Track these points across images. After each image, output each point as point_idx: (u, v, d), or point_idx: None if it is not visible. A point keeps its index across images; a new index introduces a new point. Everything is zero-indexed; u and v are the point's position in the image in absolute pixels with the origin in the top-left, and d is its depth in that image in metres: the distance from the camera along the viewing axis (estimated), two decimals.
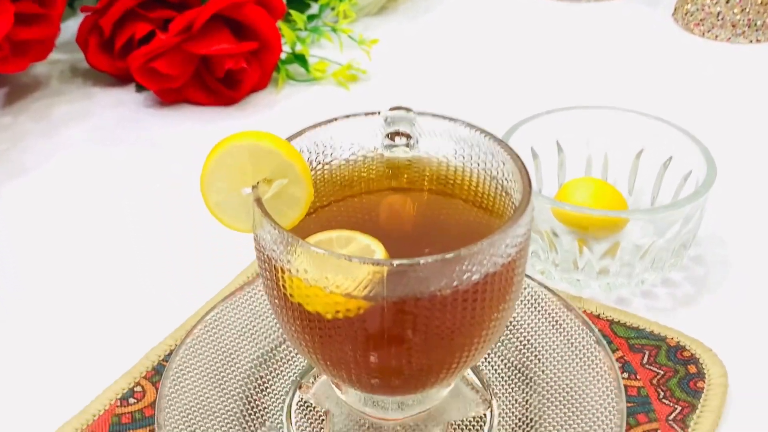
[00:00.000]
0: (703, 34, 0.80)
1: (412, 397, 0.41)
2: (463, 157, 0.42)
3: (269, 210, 0.36)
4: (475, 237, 0.35)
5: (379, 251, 0.37)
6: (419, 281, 0.34)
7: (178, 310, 0.50)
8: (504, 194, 0.40)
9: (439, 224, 0.42)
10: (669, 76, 0.75)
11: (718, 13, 0.78)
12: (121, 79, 0.73)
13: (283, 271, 0.36)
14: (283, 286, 0.36)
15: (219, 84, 0.70)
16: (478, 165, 0.41)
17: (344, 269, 0.34)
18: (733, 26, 0.78)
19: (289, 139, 0.39)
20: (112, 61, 0.71)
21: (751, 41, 0.79)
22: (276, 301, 0.37)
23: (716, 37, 0.79)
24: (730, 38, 0.79)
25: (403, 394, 0.40)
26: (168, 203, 0.60)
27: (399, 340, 0.36)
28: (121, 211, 0.60)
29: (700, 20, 0.80)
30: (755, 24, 0.78)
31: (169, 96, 0.70)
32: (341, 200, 0.43)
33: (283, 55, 0.74)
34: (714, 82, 0.74)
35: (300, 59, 0.74)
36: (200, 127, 0.69)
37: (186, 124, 0.69)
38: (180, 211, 0.59)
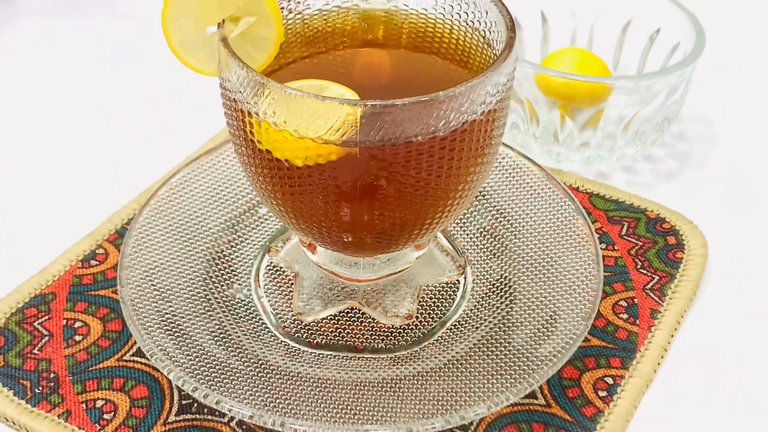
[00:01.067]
0: None
1: (384, 256, 0.40)
2: (444, 9, 0.40)
3: (236, 51, 0.34)
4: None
5: (350, 100, 0.35)
6: (395, 125, 0.32)
7: (143, 175, 0.48)
8: (486, 47, 0.38)
9: (416, 80, 0.40)
10: None
11: None
12: None
13: (250, 116, 0.34)
14: (251, 132, 0.34)
15: None
16: (460, 17, 0.39)
17: (316, 111, 0.32)
18: None
19: None
20: None
21: None
22: (243, 149, 0.36)
23: None
24: None
25: (375, 252, 0.38)
26: (135, 62, 0.57)
27: (372, 190, 0.34)
28: (86, 70, 0.57)
29: None
30: None
31: None
32: (313, 55, 0.40)
33: None
34: None
35: None
36: None
37: None
38: (148, 71, 0.57)
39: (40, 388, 0.38)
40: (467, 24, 0.39)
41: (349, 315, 0.40)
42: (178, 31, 0.34)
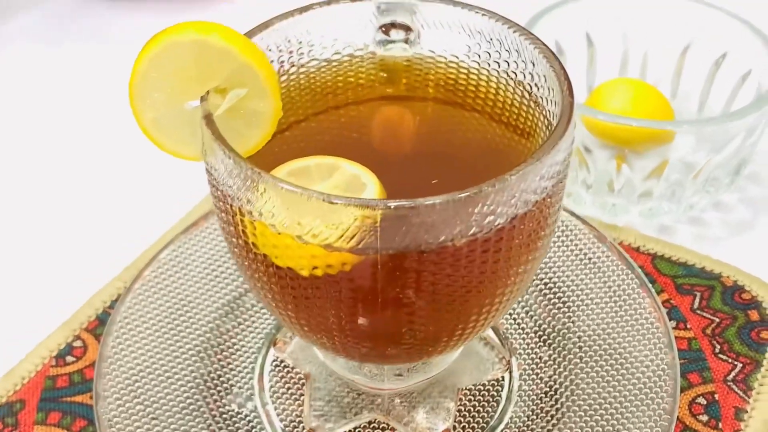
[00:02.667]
0: None
1: (414, 365, 0.33)
2: (479, 56, 0.32)
3: (223, 130, 0.27)
4: (498, 162, 0.27)
5: (371, 184, 0.28)
6: (424, 229, 0.25)
7: (127, 247, 0.41)
8: (533, 105, 0.31)
9: (448, 145, 0.33)
10: None
11: None
12: None
13: (242, 214, 0.27)
14: (244, 233, 0.27)
15: None
16: (499, 66, 0.32)
17: (323, 213, 0.25)
18: None
19: (250, 33, 0.30)
20: None
21: None
22: (236, 250, 0.29)
23: None
24: None
25: (402, 363, 0.32)
26: (116, 114, 0.51)
27: (397, 302, 0.27)
28: (63, 122, 0.50)
29: None
30: None
31: None
32: (322, 113, 0.33)
33: None
34: None
35: None
36: (158, 20, 0.58)
37: (142, 17, 0.59)
38: (132, 125, 0.50)
39: None
40: (509, 76, 0.32)
41: (372, 429, 0.34)
42: (151, 109, 0.27)
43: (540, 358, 0.36)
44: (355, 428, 0.33)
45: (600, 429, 0.33)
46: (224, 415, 0.34)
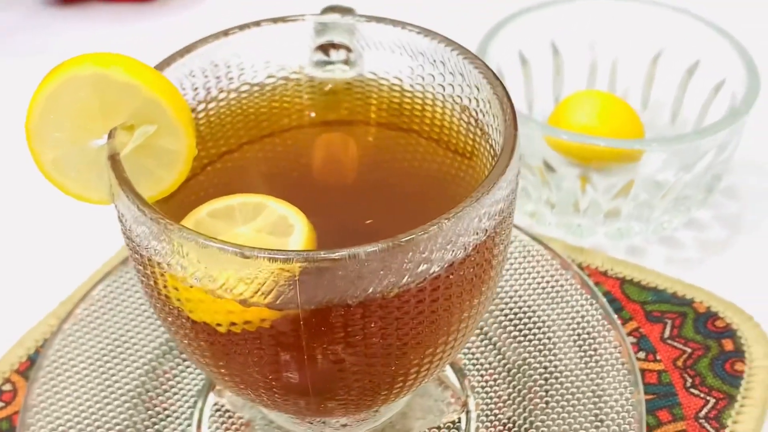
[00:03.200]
0: None
1: (358, 416, 0.30)
2: (423, 79, 0.30)
3: (132, 171, 0.24)
4: (443, 195, 0.24)
5: (299, 225, 0.26)
6: (349, 281, 0.23)
7: (62, 281, 0.39)
8: (479, 132, 0.28)
9: (391, 174, 0.30)
10: None
11: None
12: None
13: (153, 265, 0.24)
14: (157, 284, 0.25)
15: None
16: (444, 90, 0.29)
17: (237, 266, 0.22)
18: None
19: (169, 60, 0.27)
20: None
21: None
22: (152, 301, 0.26)
23: None
24: None
25: (345, 415, 0.29)
26: None
27: (325, 359, 0.25)
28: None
29: None
30: None
31: None
32: (255, 141, 0.31)
33: None
34: None
35: None
36: (112, 30, 0.56)
37: (94, 27, 0.56)
38: None
39: None
40: (453, 100, 0.29)
41: None
42: (51, 149, 0.25)
43: (499, 396, 0.33)
44: None
45: None
46: None
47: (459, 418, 0.33)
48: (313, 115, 0.31)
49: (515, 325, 0.36)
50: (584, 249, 0.40)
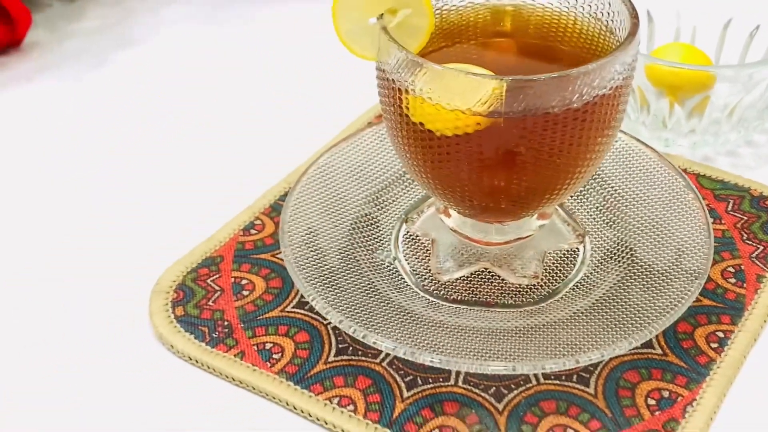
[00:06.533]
0: None
1: (513, 223, 0.45)
2: (568, 2, 0.45)
3: (395, 37, 0.39)
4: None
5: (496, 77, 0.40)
6: (535, 98, 0.37)
7: (289, 160, 0.54)
8: (608, 33, 0.43)
9: (544, 66, 0.45)
10: None
11: None
12: None
13: (406, 92, 0.39)
14: (406, 107, 0.40)
15: None
16: (583, 9, 0.44)
17: (467, 85, 0.37)
18: None
19: None
20: None
21: None
22: (397, 125, 0.41)
23: None
24: None
25: (507, 218, 0.44)
26: (273, 71, 0.64)
27: (512, 157, 0.39)
28: (231, 76, 0.64)
29: None
30: None
31: None
32: (450, 46, 0.46)
33: None
34: None
35: None
36: (295, 5, 0.72)
37: (280, 2, 0.72)
38: (283, 81, 0.63)
39: (217, 333, 0.44)
40: (590, 15, 0.44)
41: (481, 275, 0.46)
42: (346, 23, 0.40)
43: (606, 236, 0.47)
44: (468, 275, 0.45)
45: (651, 280, 0.44)
46: (372, 264, 0.46)
47: (578, 248, 0.47)
48: (488, 29, 0.46)
49: (620, 194, 0.49)
50: (670, 155, 0.54)
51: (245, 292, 0.46)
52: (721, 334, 0.43)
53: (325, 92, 0.61)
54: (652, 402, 0.40)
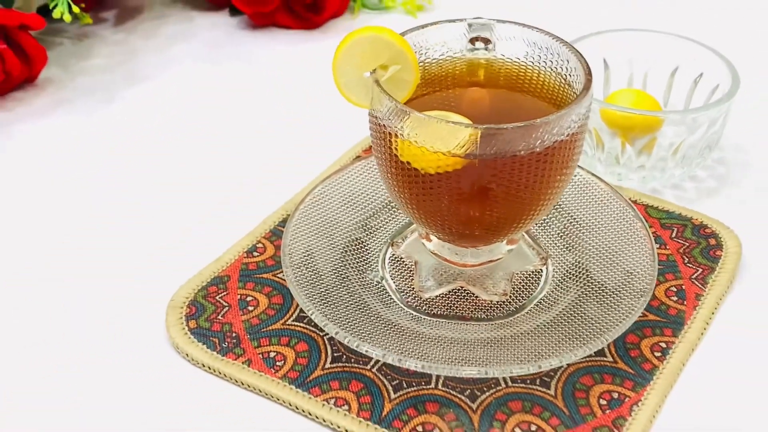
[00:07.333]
0: None
1: (486, 247, 0.51)
2: (533, 58, 0.52)
3: (386, 89, 0.46)
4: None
5: (472, 124, 0.47)
6: (504, 143, 0.44)
7: (288, 189, 0.61)
8: (567, 86, 0.50)
9: (511, 111, 0.52)
10: (709, 3, 0.84)
11: None
12: (215, 4, 0.83)
13: (396, 136, 0.46)
14: (395, 148, 0.46)
15: (305, 10, 0.80)
16: (546, 64, 0.51)
17: (447, 132, 0.44)
18: None
19: (403, 33, 0.49)
20: None
21: None
22: (386, 163, 0.48)
23: None
24: None
25: (480, 243, 0.50)
26: (270, 109, 0.71)
27: (485, 192, 0.46)
28: (232, 112, 0.70)
29: None
30: None
31: (261, 20, 0.80)
32: (431, 93, 0.53)
33: None
34: (751, 11, 0.83)
35: None
36: (288, 48, 0.79)
37: (275, 45, 0.79)
38: (279, 118, 0.70)
39: (226, 343, 0.50)
40: (552, 70, 0.51)
41: (458, 293, 0.52)
42: (343, 76, 0.47)
43: (566, 259, 0.54)
44: (446, 292, 0.52)
45: (604, 298, 0.51)
46: (363, 283, 0.52)
47: (542, 269, 0.54)
48: (465, 79, 0.53)
49: (578, 222, 0.56)
50: (623, 187, 0.61)
51: (250, 308, 0.52)
52: (663, 345, 0.50)
53: (318, 129, 0.68)
54: (603, 402, 0.47)
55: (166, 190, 0.62)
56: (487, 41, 0.53)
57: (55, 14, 0.69)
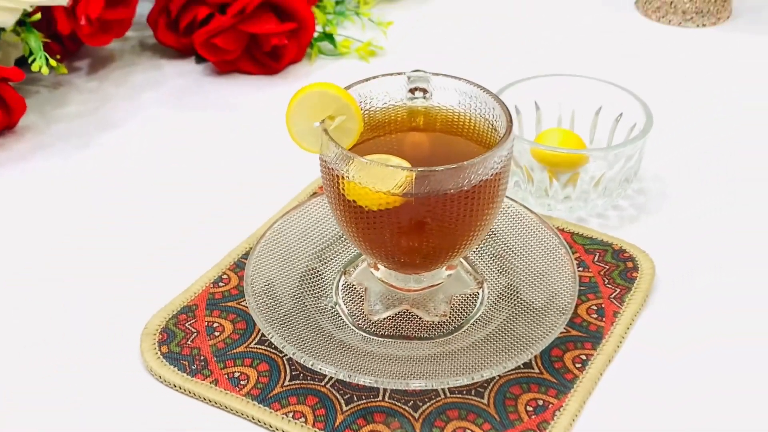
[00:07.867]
0: (659, 19, 0.97)
1: (427, 274, 0.58)
2: (464, 106, 0.58)
3: (333, 137, 0.53)
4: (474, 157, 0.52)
5: (407, 167, 0.54)
6: (436, 183, 0.51)
7: (251, 223, 0.67)
8: (493, 131, 0.57)
9: (446, 153, 0.59)
10: (628, 52, 0.92)
11: (671, 2, 0.95)
12: (182, 52, 0.89)
13: (343, 178, 0.52)
14: (342, 188, 0.53)
15: (265, 57, 0.86)
16: (476, 111, 0.58)
17: (386, 174, 0.51)
18: (684, 13, 0.96)
19: (347, 87, 0.56)
20: (177, 38, 0.87)
21: (698, 26, 0.96)
22: (335, 201, 0.54)
23: (669, 22, 0.97)
24: (681, 23, 0.96)
25: (421, 270, 0.57)
26: (234, 150, 0.77)
27: (421, 226, 0.52)
28: (198, 153, 0.76)
29: (657, 8, 0.97)
30: (702, 11, 0.95)
31: (225, 67, 0.87)
32: (376, 137, 0.59)
33: (315, 34, 0.90)
34: (665, 59, 0.91)
35: (329, 37, 0.90)
36: (250, 93, 0.85)
37: (239, 90, 0.85)
38: (242, 158, 0.76)
39: (195, 366, 0.56)
40: (480, 116, 0.58)
41: (403, 315, 0.59)
42: (295, 125, 0.53)
43: (499, 282, 0.61)
44: (393, 315, 0.58)
45: (531, 316, 0.57)
46: (318, 309, 0.59)
47: (478, 292, 0.60)
48: (405, 124, 0.60)
49: (510, 248, 0.63)
50: (551, 217, 0.68)
51: (217, 333, 0.58)
52: (584, 357, 0.56)
53: (278, 168, 0.74)
54: (530, 408, 0.53)
55: (138, 223, 0.68)
56: (424, 91, 0.59)
57: (34, 68, 0.75)
